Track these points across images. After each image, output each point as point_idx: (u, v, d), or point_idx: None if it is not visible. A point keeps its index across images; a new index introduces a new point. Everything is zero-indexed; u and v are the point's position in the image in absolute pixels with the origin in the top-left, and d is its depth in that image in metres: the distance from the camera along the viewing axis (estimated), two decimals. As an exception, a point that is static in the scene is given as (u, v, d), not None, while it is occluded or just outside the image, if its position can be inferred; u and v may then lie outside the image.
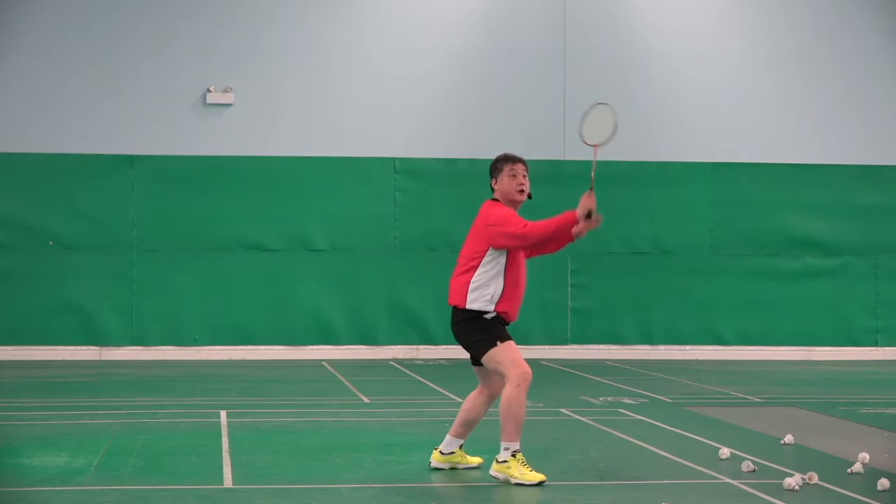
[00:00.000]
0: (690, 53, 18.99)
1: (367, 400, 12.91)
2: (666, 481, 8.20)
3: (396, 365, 17.00)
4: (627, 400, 12.83)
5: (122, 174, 17.89)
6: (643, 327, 18.60)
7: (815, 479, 8.03)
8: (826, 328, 18.84)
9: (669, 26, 18.98)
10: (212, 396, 13.19)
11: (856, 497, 7.64)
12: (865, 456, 8.66)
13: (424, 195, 18.40)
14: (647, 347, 18.54)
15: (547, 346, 18.29)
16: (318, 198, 18.22)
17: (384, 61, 18.51)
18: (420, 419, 11.46)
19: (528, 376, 7.98)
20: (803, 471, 8.20)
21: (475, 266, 8.18)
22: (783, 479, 7.96)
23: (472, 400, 8.36)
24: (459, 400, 12.59)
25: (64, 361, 17.26)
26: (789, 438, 9.83)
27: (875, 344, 18.88)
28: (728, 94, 19.05)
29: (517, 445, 7.98)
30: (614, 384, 14.49)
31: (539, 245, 8.19)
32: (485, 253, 8.16)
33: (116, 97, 18.03)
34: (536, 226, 8.03)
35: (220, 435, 10.15)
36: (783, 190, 18.89)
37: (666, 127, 18.88)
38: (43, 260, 17.64)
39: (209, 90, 18.14)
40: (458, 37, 18.65)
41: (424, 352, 18.15)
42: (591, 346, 18.44)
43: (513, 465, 7.94)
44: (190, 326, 17.87)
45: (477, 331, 8.13)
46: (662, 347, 18.58)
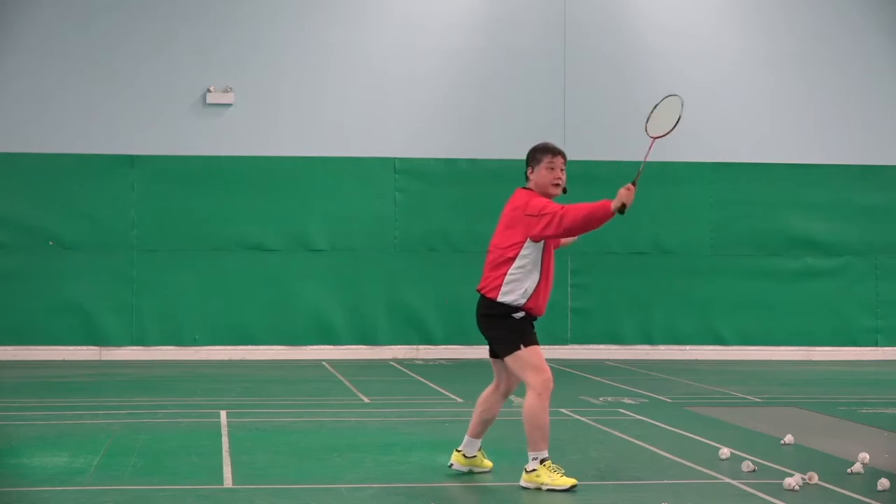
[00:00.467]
0: (690, 53, 18.99)
1: (367, 400, 12.91)
2: (666, 481, 8.20)
3: (396, 365, 17.00)
4: (627, 400, 12.83)
5: (122, 174, 17.89)
6: (643, 327, 18.60)
7: (815, 479, 8.03)
8: (826, 328, 18.84)
9: (669, 26, 18.98)
10: (212, 396, 13.19)
11: (856, 497, 7.64)
12: (865, 456, 8.66)
13: (424, 195, 18.40)
14: (647, 347, 18.54)
15: (547, 346, 18.18)
16: (318, 198, 18.21)
17: (384, 61, 18.51)
18: (420, 419, 11.46)
19: (550, 384, 7.86)
20: (803, 471, 8.20)
21: (511, 258, 7.88)
22: (783, 479, 7.96)
23: (488, 398, 8.22)
24: (459, 400, 12.61)
25: (64, 361, 17.26)
26: (789, 438, 9.83)
27: (875, 344, 18.88)
28: (728, 94, 19.04)
29: (545, 453, 7.85)
30: (614, 384, 14.49)
31: (568, 234, 7.95)
32: (522, 244, 7.87)
33: (116, 97, 18.03)
34: (570, 212, 7.75)
35: (220, 435, 10.15)
36: (783, 190, 18.89)
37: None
38: (43, 260, 17.64)
39: (209, 90, 18.14)
40: (458, 37, 18.64)
41: (424, 352, 18.14)
42: (591, 346, 18.44)
43: (542, 473, 7.81)
44: (190, 326, 17.87)
45: (503, 329, 7.94)
46: (662, 347, 18.58)
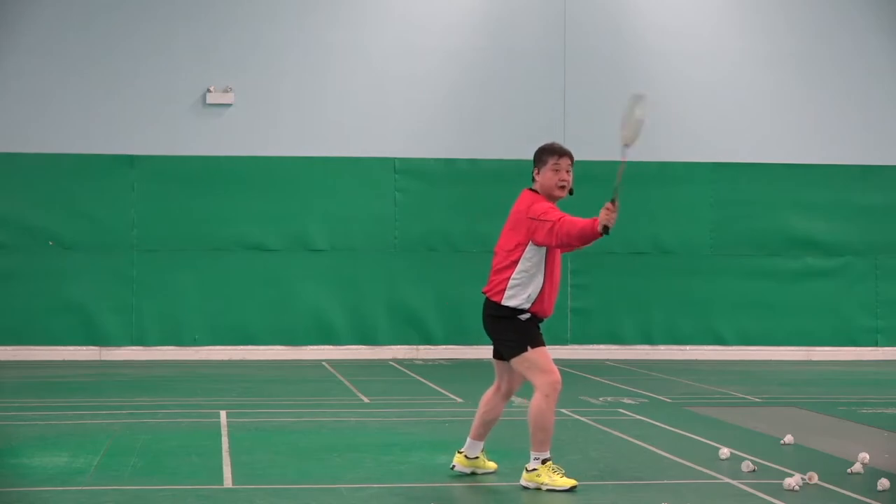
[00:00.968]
0: (690, 53, 18.98)
1: (367, 400, 12.91)
2: (666, 481, 8.20)
3: (396, 365, 17.00)
4: (627, 400, 12.83)
5: (122, 174, 17.89)
6: (643, 327, 18.60)
7: (815, 479, 8.03)
8: (826, 328, 18.84)
9: (669, 26, 18.98)
10: (212, 396, 13.19)
11: (856, 497, 7.64)
12: (865, 456, 8.66)
13: (424, 195, 18.39)
14: (647, 347, 18.54)
15: (547, 347, 18.26)
16: (318, 198, 18.21)
17: (384, 61, 18.50)
18: (420, 419, 11.46)
19: (558, 385, 7.83)
20: (803, 471, 8.20)
21: (515, 261, 7.84)
22: (783, 479, 7.96)
23: (489, 400, 8.19)
24: (459, 400, 12.61)
25: (64, 361, 17.26)
26: (789, 438, 9.83)
27: (875, 344, 18.88)
28: (728, 94, 19.04)
29: (547, 454, 7.84)
30: (614, 384, 14.49)
31: (564, 246, 7.88)
32: (525, 246, 7.84)
33: (116, 97, 18.03)
34: (566, 224, 7.67)
35: (220, 435, 10.15)
36: (783, 190, 18.88)
37: (666, 127, 18.86)
38: (43, 260, 17.64)
39: (209, 90, 18.14)
40: (458, 37, 18.64)
41: (424, 352, 18.14)
42: (591, 347, 18.44)
43: (543, 473, 7.80)
44: (190, 326, 17.87)
45: (509, 331, 7.90)
46: (662, 347, 18.57)
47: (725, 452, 9.02)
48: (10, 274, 17.55)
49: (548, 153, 8.05)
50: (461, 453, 8.34)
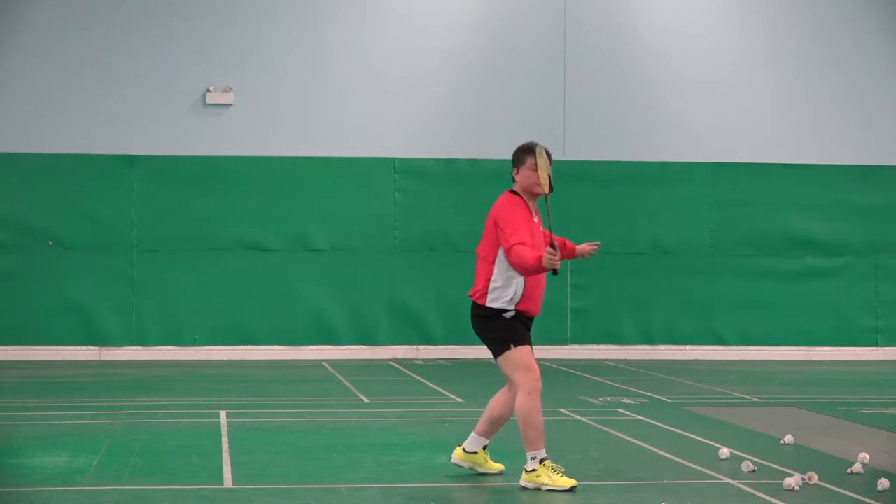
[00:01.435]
0: (690, 53, 18.99)
1: (367, 400, 12.91)
2: (666, 481, 8.20)
3: (396, 365, 17.00)
4: (627, 400, 12.83)
5: (122, 174, 17.89)
6: (643, 327, 18.60)
7: (815, 479, 8.03)
8: (826, 328, 18.84)
9: (669, 26, 18.98)
10: (212, 396, 13.19)
11: (856, 497, 7.64)
12: (865, 456, 8.66)
13: (424, 195, 18.39)
14: (647, 347, 18.54)
15: (547, 347, 18.26)
16: (318, 198, 18.21)
17: (384, 61, 18.50)
18: (420, 419, 11.46)
19: (539, 383, 7.85)
20: (803, 471, 8.20)
21: (493, 263, 7.90)
22: (783, 479, 7.96)
23: (498, 398, 8.18)
24: (459, 400, 12.61)
25: (64, 361, 17.26)
26: (789, 438, 9.83)
27: (875, 344, 18.88)
28: (728, 94, 19.04)
29: (543, 453, 7.84)
30: (614, 384, 14.49)
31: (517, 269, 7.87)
32: (498, 250, 7.90)
33: (116, 97, 18.03)
34: (522, 254, 7.69)
35: (220, 435, 10.15)
36: (783, 190, 18.89)
37: (666, 127, 18.87)
38: (43, 260, 17.64)
39: (209, 90, 18.14)
40: (458, 37, 18.64)
41: (424, 352, 18.14)
42: (591, 347, 18.43)
43: (542, 473, 7.80)
44: (190, 326, 17.87)
45: (494, 329, 7.92)
46: (662, 347, 18.57)
47: (725, 452, 9.02)
48: (10, 274, 17.55)
49: (525, 152, 7.98)
50: (460, 446, 8.35)
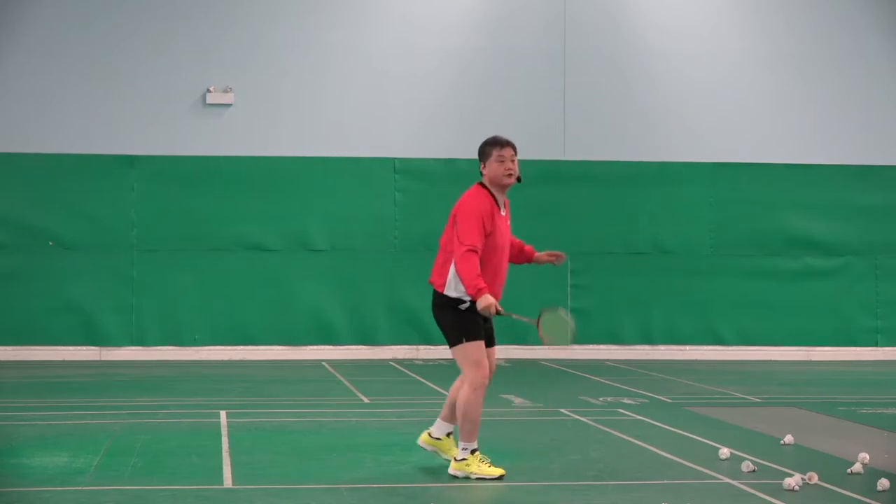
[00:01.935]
0: (690, 53, 18.98)
1: (367, 400, 12.91)
2: (666, 481, 8.20)
3: (396, 365, 17.00)
4: (627, 400, 12.83)
5: (122, 174, 17.88)
6: (643, 327, 18.59)
7: (815, 479, 8.03)
8: (826, 328, 18.83)
9: (669, 26, 18.97)
10: (212, 396, 13.19)
11: (856, 497, 7.64)
12: (865, 456, 8.66)
13: (424, 195, 18.38)
14: (647, 347, 18.54)
15: (547, 346, 18.26)
16: (318, 198, 18.21)
17: (384, 61, 18.50)
18: (420, 419, 11.44)
19: (486, 380, 8.15)
20: (803, 471, 8.20)
21: (452, 253, 8.19)
22: (783, 479, 7.96)
23: (458, 383, 8.43)
24: (459, 400, 12.59)
25: (64, 361, 17.26)
26: (789, 438, 9.83)
27: (875, 344, 18.88)
28: (728, 94, 19.04)
29: (475, 445, 8.16)
30: (614, 384, 14.49)
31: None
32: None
33: (116, 97, 18.03)
34: (470, 269, 7.95)
35: (220, 435, 10.15)
36: (783, 190, 18.88)
37: (666, 127, 18.87)
38: (43, 260, 17.63)
39: (209, 90, 18.14)
40: (458, 37, 18.64)
41: (424, 352, 18.14)
42: (591, 346, 18.42)
43: (472, 463, 8.12)
44: (190, 326, 17.87)
45: (450, 320, 8.20)
46: (662, 347, 18.57)
47: (725, 452, 9.02)
48: (10, 274, 17.55)
49: (491, 146, 8.32)
50: (426, 431, 8.58)
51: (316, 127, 18.31)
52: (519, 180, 8.25)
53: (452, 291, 8.14)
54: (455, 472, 8.18)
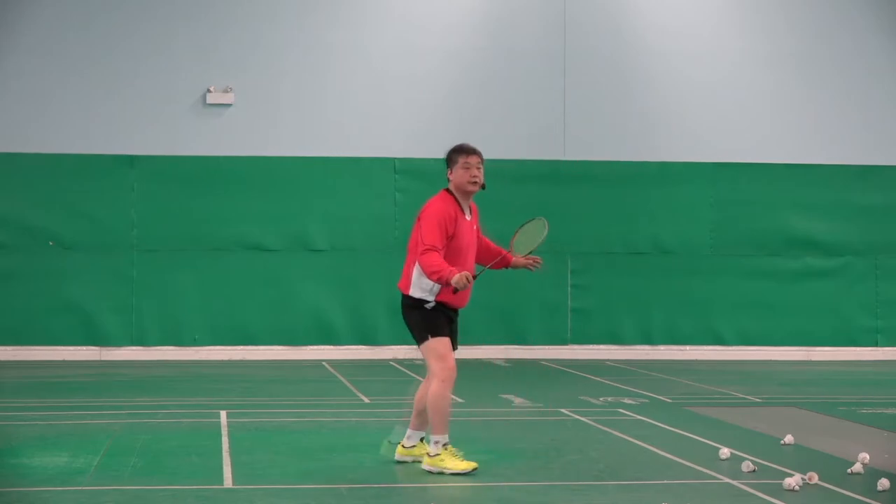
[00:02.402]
0: (690, 53, 18.98)
1: (367, 400, 12.91)
2: (666, 481, 8.21)
3: (396, 365, 17.00)
4: (627, 400, 12.83)
5: (122, 174, 17.89)
6: (643, 327, 18.59)
7: (815, 479, 8.03)
8: (826, 328, 18.83)
9: (669, 26, 18.98)
10: (212, 396, 13.19)
11: (856, 497, 7.64)
12: (865, 456, 8.66)
13: (424, 195, 18.03)
14: (647, 347, 18.54)
15: (547, 346, 18.28)
16: (318, 198, 18.21)
17: (384, 61, 18.50)
18: (420, 419, 11.44)
19: (453, 372, 8.31)
20: (803, 471, 8.20)
21: (415, 257, 8.40)
22: (783, 479, 7.96)
23: (420, 391, 8.62)
24: (460, 400, 12.61)
25: (64, 361, 17.26)
26: (789, 438, 9.83)
27: (875, 344, 18.88)
28: (728, 94, 19.04)
29: (446, 438, 8.31)
30: (614, 384, 14.49)
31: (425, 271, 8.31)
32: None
33: (116, 97, 18.03)
34: (432, 261, 8.15)
35: (220, 435, 10.15)
36: (783, 190, 18.88)
37: (666, 127, 18.87)
38: (43, 260, 17.64)
39: (209, 90, 18.14)
40: (458, 37, 18.64)
41: (424, 352, 18.11)
42: (591, 346, 18.43)
43: (445, 458, 8.25)
44: (190, 326, 17.87)
45: (416, 319, 8.42)
46: (662, 347, 18.57)
47: (725, 452, 9.02)
48: (10, 274, 17.55)
49: (457, 153, 8.75)
50: (399, 444, 8.71)
51: (316, 127, 18.31)
52: (483, 187, 8.63)
53: (417, 292, 8.38)
54: (429, 468, 8.31)
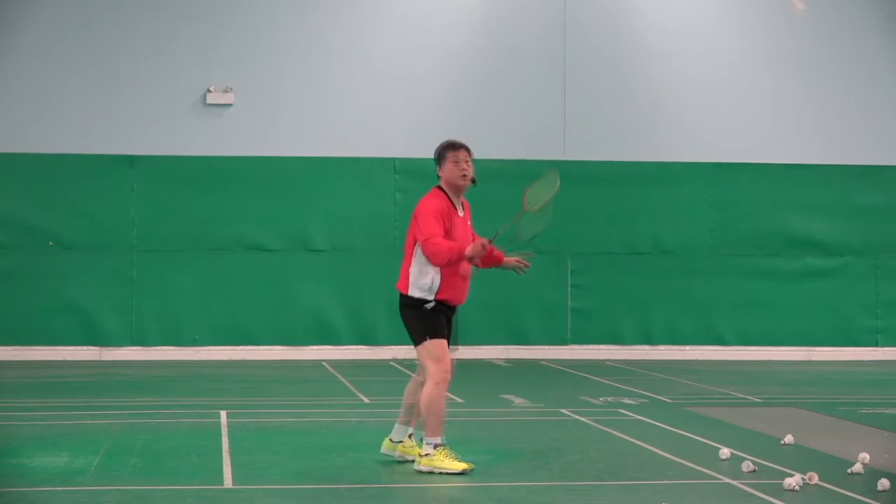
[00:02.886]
0: (690, 53, 18.98)
1: (367, 400, 12.91)
2: (666, 481, 8.20)
3: (396, 365, 17.00)
4: (627, 400, 12.83)
5: (122, 174, 17.89)
6: (643, 327, 18.59)
7: (815, 480, 8.03)
8: (826, 328, 18.83)
9: (669, 26, 18.98)
10: (212, 396, 13.19)
11: (856, 497, 7.64)
12: (865, 456, 8.66)
13: (424, 195, 18.34)
14: (647, 347, 18.54)
15: (547, 346, 18.28)
16: (318, 198, 18.21)
17: (384, 61, 18.50)
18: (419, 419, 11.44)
19: (448, 375, 8.41)
20: (803, 471, 8.20)
21: (411, 255, 8.54)
22: (783, 479, 7.96)
23: (410, 386, 8.78)
24: (460, 400, 12.61)
25: (64, 361, 17.26)
26: (789, 438, 9.83)
27: (875, 344, 18.88)
28: (728, 94, 19.04)
29: (440, 439, 8.35)
30: (614, 384, 14.49)
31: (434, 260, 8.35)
32: (415, 245, 8.53)
33: (116, 97, 18.03)
34: (438, 244, 8.25)
35: (220, 435, 10.15)
36: (783, 190, 18.88)
37: (666, 127, 18.87)
38: (43, 260, 17.64)
39: (209, 90, 18.14)
40: (458, 37, 18.64)
41: (424, 352, 18.11)
42: (591, 347, 18.43)
43: (437, 458, 8.29)
44: (190, 326, 17.87)
45: (414, 319, 8.45)
46: (662, 347, 18.57)
47: (725, 452, 9.02)
48: (10, 274, 17.55)
49: (446, 149, 8.65)
50: (388, 438, 8.78)
51: (316, 127, 18.31)
52: (473, 182, 8.57)
53: (416, 292, 8.42)
54: (421, 468, 8.33)
